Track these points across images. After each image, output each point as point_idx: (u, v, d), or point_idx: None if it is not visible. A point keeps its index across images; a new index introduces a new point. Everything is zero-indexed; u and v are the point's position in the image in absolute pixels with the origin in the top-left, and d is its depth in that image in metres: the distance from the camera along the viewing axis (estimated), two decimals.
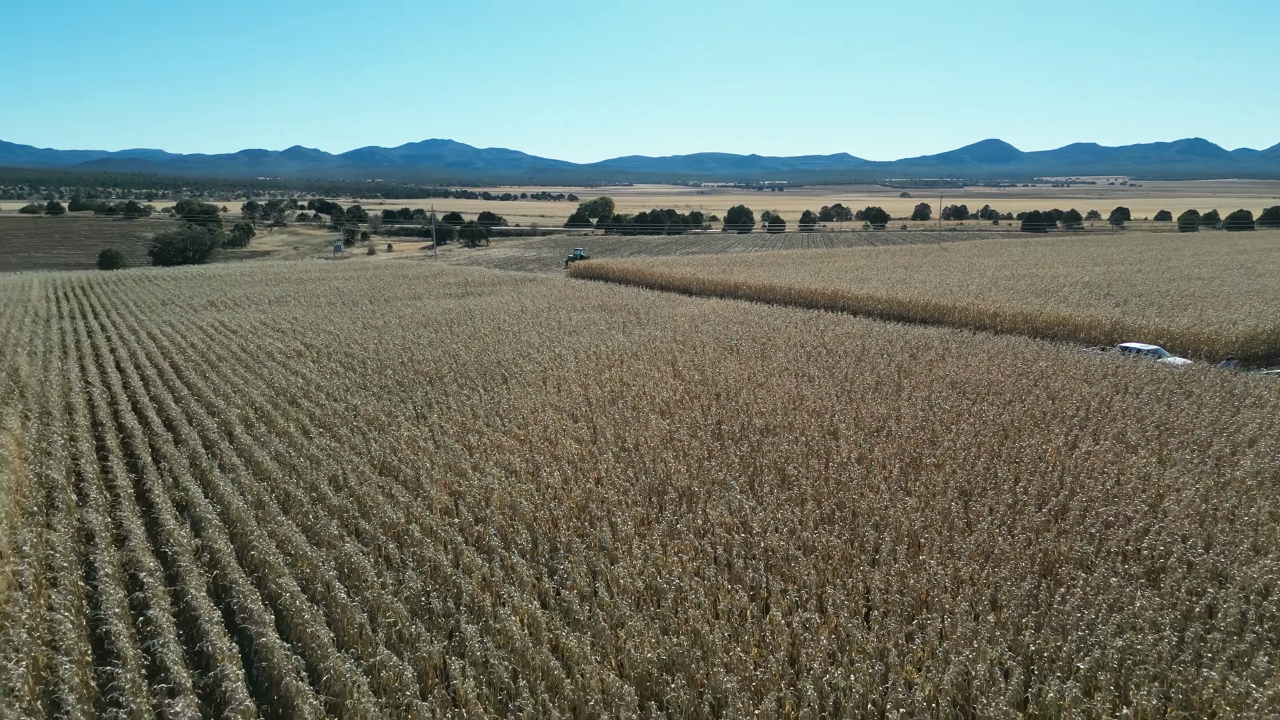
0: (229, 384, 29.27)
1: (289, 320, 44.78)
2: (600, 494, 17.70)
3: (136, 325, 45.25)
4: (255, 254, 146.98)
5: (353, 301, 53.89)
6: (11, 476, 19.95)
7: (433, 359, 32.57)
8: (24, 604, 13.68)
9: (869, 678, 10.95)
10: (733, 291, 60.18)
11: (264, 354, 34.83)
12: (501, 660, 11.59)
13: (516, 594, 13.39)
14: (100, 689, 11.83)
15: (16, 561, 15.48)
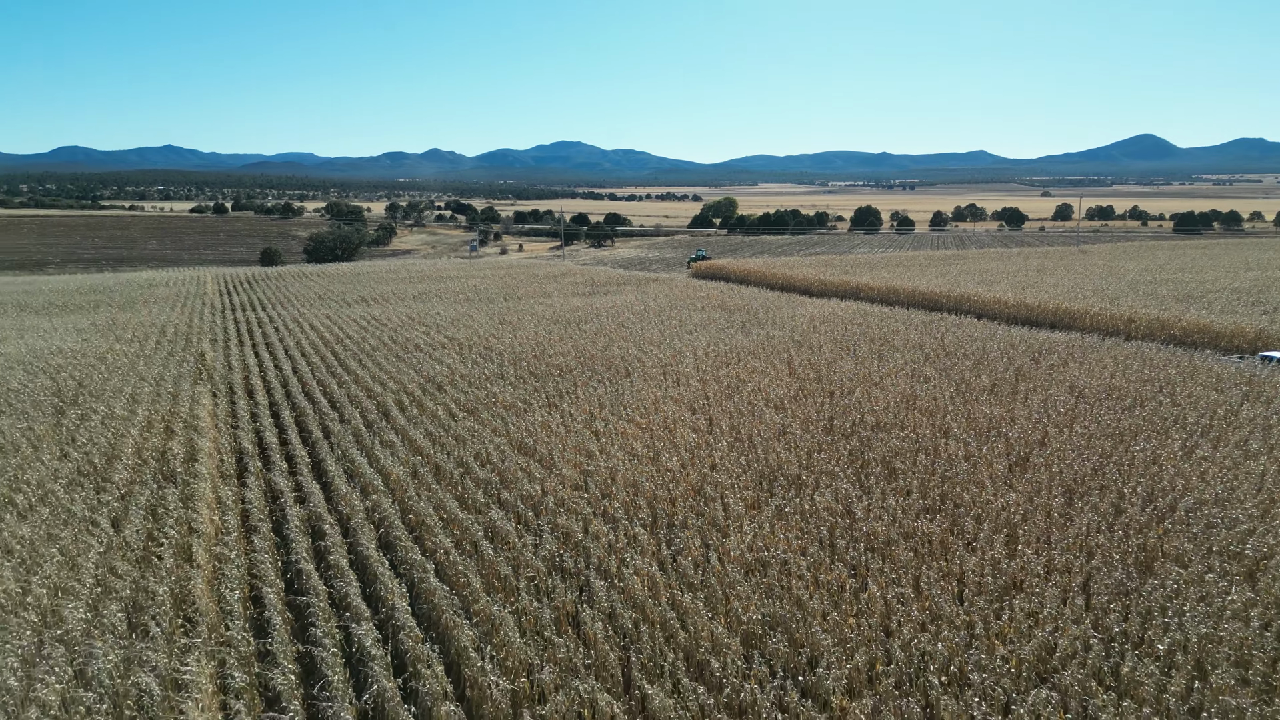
0: (384, 371, 32.42)
1: (432, 315, 48.34)
2: (714, 478, 19.23)
3: (299, 317, 49.91)
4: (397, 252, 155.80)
5: (489, 299, 57.34)
6: (210, 444, 23.29)
7: (562, 353, 34.87)
8: (232, 545, 16.45)
9: (955, 645, 12.05)
10: (854, 293, 60.32)
11: (412, 345, 38.08)
12: (625, 611, 13.31)
13: (638, 559, 15.10)
14: (294, 616, 14.28)
15: (222, 512, 18.43)
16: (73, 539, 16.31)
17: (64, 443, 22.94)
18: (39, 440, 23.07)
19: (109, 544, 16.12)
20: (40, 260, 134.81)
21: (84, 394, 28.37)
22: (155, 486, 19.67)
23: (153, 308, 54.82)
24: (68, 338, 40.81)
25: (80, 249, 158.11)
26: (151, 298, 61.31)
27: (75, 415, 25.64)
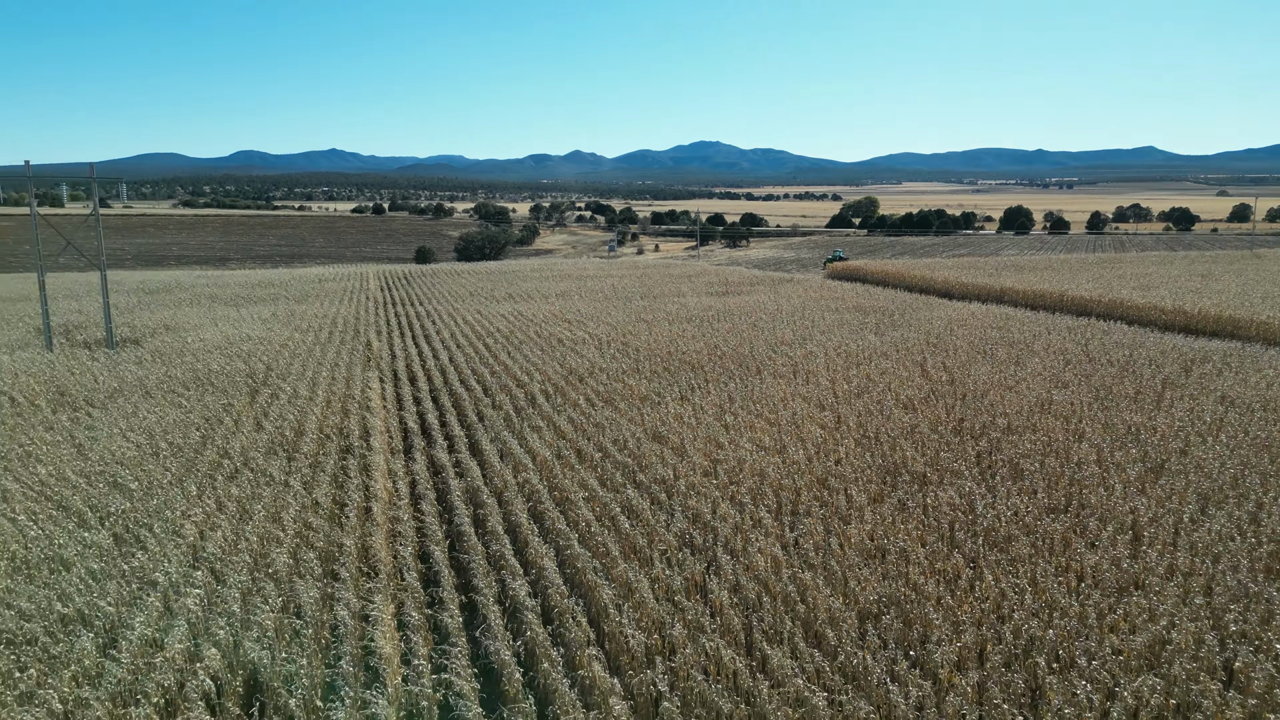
0: (530, 362, 34.79)
1: (574, 312, 50.81)
2: (839, 471, 20.09)
3: (453, 312, 53.55)
4: (540, 252, 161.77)
5: (626, 297, 59.47)
6: (380, 423, 26.05)
7: (695, 350, 36.24)
8: (403, 509, 18.72)
9: (1066, 633, 12.59)
10: (998, 296, 58.78)
11: (555, 340, 40.44)
12: (749, 584, 14.51)
13: (762, 539, 16.25)
14: (456, 572, 16.27)
15: (394, 481, 20.86)
16: (273, 498, 19.00)
17: (259, 417, 26.22)
18: (239, 415, 26.46)
19: (303, 503, 18.70)
20: (223, 256, 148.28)
21: (272, 376, 32.02)
22: (337, 457, 22.40)
23: (324, 301, 59.99)
24: (254, 327, 45.57)
25: (257, 246, 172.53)
26: (322, 292, 66.94)
27: (267, 394, 29.10)
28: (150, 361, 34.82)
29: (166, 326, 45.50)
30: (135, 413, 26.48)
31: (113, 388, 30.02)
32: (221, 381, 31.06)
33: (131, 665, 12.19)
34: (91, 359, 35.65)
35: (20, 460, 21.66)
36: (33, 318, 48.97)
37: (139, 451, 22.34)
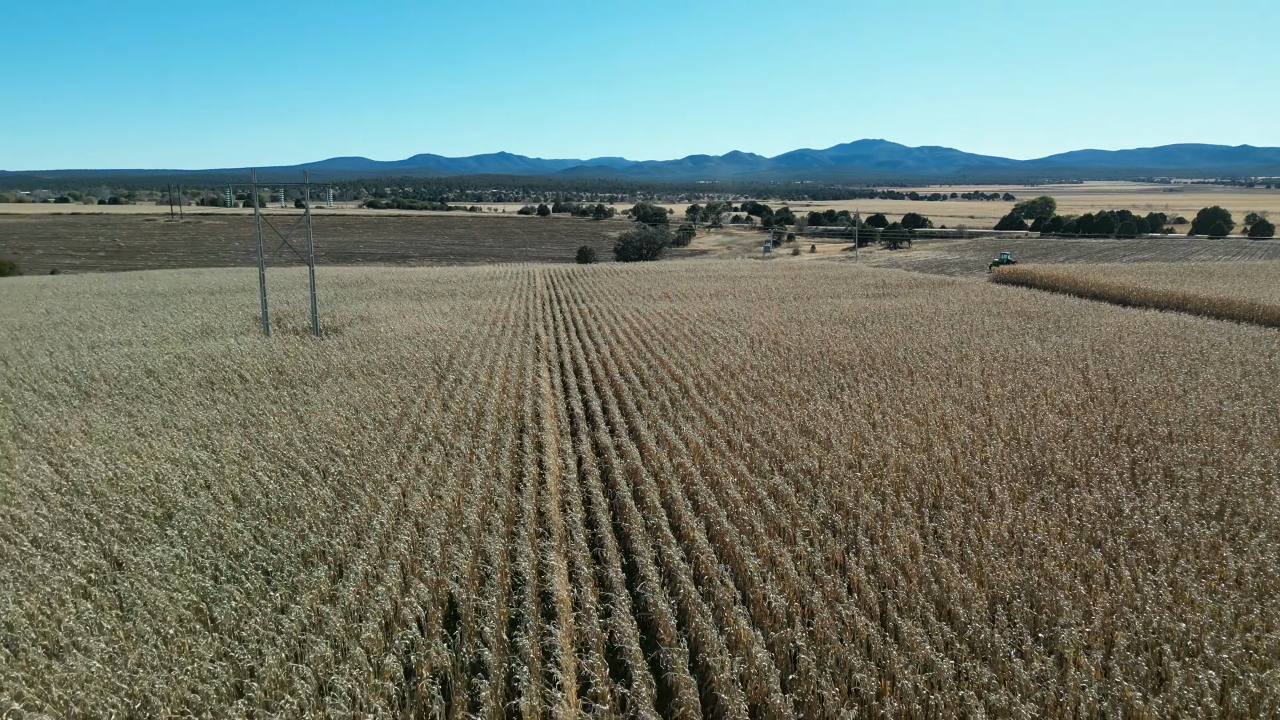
0: (684, 358, 36.65)
1: (727, 312, 52.35)
2: (984, 469, 20.66)
3: (613, 309, 56.35)
4: (695, 252, 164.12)
5: (779, 298, 60.39)
6: (550, 407, 28.62)
7: (846, 351, 36.94)
8: (572, 482, 20.94)
9: (1197, 626, 13.01)
10: (1178, 304, 55.47)
11: (709, 338, 42.14)
12: (885, 564, 15.64)
13: (902, 527, 17.27)
14: (618, 537, 18.24)
15: (563, 458, 23.19)
16: (461, 467, 21.71)
17: (445, 399, 29.38)
18: (428, 396, 29.74)
19: (487, 473, 21.29)
20: (403, 254, 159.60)
21: (455, 363, 35.45)
22: (514, 436, 25.02)
23: (496, 297, 64.37)
24: (437, 319, 49.89)
25: (433, 245, 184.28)
26: (493, 289, 71.67)
27: (451, 379, 32.40)
28: (351, 348, 39.20)
29: (361, 317, 50.57)
30: (342, 391, 30.28)
31: (321, 369, 34.24)
32: (411, 367, 34.71)
33: (357, 593, 14.85)
34: (302, 344, 40.50)
35: (256, 426, 25.56)
36: (249, 307, 55.56)
37: (348, 423, 25.78)
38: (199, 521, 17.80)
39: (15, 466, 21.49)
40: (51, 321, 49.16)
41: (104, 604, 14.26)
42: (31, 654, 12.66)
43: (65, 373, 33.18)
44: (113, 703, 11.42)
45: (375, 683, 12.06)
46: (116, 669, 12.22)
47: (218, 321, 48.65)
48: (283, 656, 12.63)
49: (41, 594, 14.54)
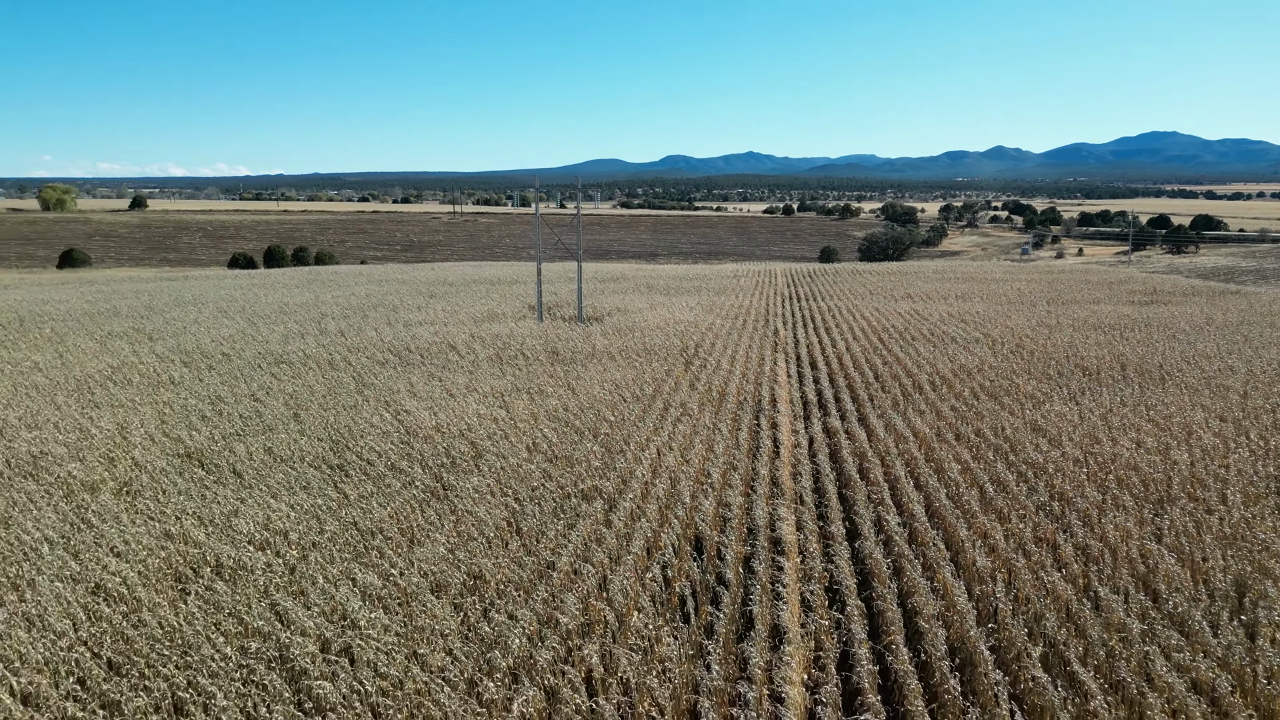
0: (920, 356, 37.74)
1: (971, 314, 51.99)
2: (1220, 474, 20.67)
3: (851, 308, 57.68)
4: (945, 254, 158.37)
5: (1030, 302, 58.57)
6: (785, 393, 31.28)
7: (1095, 357, 36.18)
8: (802, 457, 23.53)
9: None
10: None
11: (948, 338, 42.64)
12: (1096, 545, 16.82)
13: (1119, 516, 18.19)
14: (842, 504, 20.60)
15: (795, 437, 25.79)
16: (706, 437, 24.98)
17: (692, 381, 32.91)
18: (677, 378, 33.43)
19: (727, 443, 24.41)
20: (653, 252, 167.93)
21: (700, 351, 39.02)
22: (751, 416, 27.96)
23: (738, 294, 67.72)
24: (684, 312, 54.01)
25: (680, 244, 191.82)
26: (736, 286, 75.09)
27: (697, 365, 35.96)
28: (610, 334, 44.04)
29: (618, 309, 55.83)
30: (605, 370, 34.75)
31: (587, 351, 39.12)
32: (662, 353, 38.71)
33: (624, 523, 18.45)
34: (570, 329, 45.98)
35: (538, 395, 30.44)
36: (524, 297, 62.88)
37: (611, 396, 29.97)
38: (502, 462, 22.38)
39: (364, 413, 27.57)
40: (370, 304, 58.86)
41: (442, 513, 18.91)
42: (396, 540, 17.38)
43: (388, 345, 40.54)
44: (456, 575, 15.69)
45: (640, 586, 15.47)
46: (456, 554, 16.60)
47: (499, 308, 55.89)
48: (572, 559, 16.43)
49: (396, 503, 19.47)
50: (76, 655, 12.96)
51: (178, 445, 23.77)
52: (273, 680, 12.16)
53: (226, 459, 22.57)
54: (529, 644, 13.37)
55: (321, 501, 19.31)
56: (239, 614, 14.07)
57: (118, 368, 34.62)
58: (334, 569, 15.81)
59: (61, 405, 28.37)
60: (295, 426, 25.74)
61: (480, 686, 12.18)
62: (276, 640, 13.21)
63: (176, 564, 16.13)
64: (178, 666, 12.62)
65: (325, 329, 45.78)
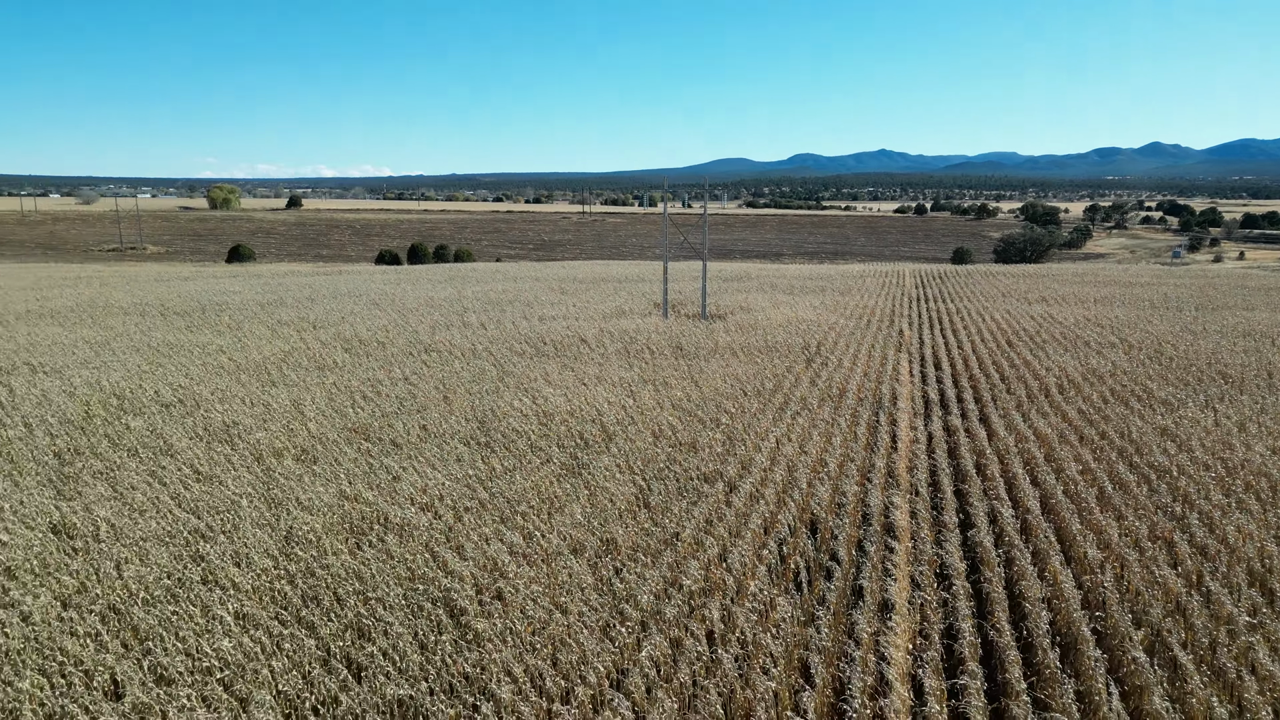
0: (1050, 359, 37.21)
1: (1109, 318, 50.28)
2: None
3: (981, 310, 56.70)
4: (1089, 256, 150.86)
5: (1176, 307, 55.93)
6: (906, 391, 31.74)
7: (1239, 364, 34.75)
8: (920, 452, 24.18)
9: None
10: None
11: (1081, 342, 41.67)
12: (1211, 542, 16.94)
13: (1242, 518, 18.13)
14: (957, 497, 21.20)
15: (914, 433, 26.41)
16: (824, 430, 25.94)
17: (813, 378, 33.79)
18: (798, 375, 34.37)
19: (845, 436, 25.31)
20: (778, 251, 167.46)
21: (822, 349, 39.75)
22: (871, 412, 28.67)
23: (863, 294, 67.50)
24: (807, 311, 54.59)
25: (806, 243, 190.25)
26: (862, 286, 74.71)
27: (818, 362, 36.76)
28: (733, 331, 45.28)
29: (741, 307, 56.94)
30: (727, 365, 36.06)
31: (710, 347, 40.53)
32: (783, 350, 39.67)
33: (743, 504, 19.78)
34: (694, 326, 47.50)
35: (663, 386, 32.07)
36: (650, 294, 64.84)
37: (732, 389, 31.27)
38: (630, 445, 24.11)
39: (505, 397, 29.93)
40: (507, 299, 62.20)
41: (577, 486, 20.77)
42: (538, 508, 19.31)
43: (524, 336, 43.18)
44: (591, 539, 17.44)
45: (756, 559, 16.79)
46: (591, 520, 18.38)
47: (626, 305, 58.04)
48: (695, 532, 17.92)
49: (536, 477, 21.46)
50: (278, 587, 15.44)
51: (344, 420, 26.70)
52: (438, 614, 14.21)
53: (387, 433, 25.26)
54: (656, 600, 14.95)
55: (472, 472, 21.55)
56: (406, 562, 16.27)
57: (289, 352, 38.55)
58: (485, 529, 17.87)
59: (245, 383, 32.10)
60: (445, 407, 28.32)
61: (614, 632, 13.84)
62: (439, 583, 15.30)
63: (352, 519, 18.59)
64: (359, 600, 14.88)
65: (467, 321, 49.03)
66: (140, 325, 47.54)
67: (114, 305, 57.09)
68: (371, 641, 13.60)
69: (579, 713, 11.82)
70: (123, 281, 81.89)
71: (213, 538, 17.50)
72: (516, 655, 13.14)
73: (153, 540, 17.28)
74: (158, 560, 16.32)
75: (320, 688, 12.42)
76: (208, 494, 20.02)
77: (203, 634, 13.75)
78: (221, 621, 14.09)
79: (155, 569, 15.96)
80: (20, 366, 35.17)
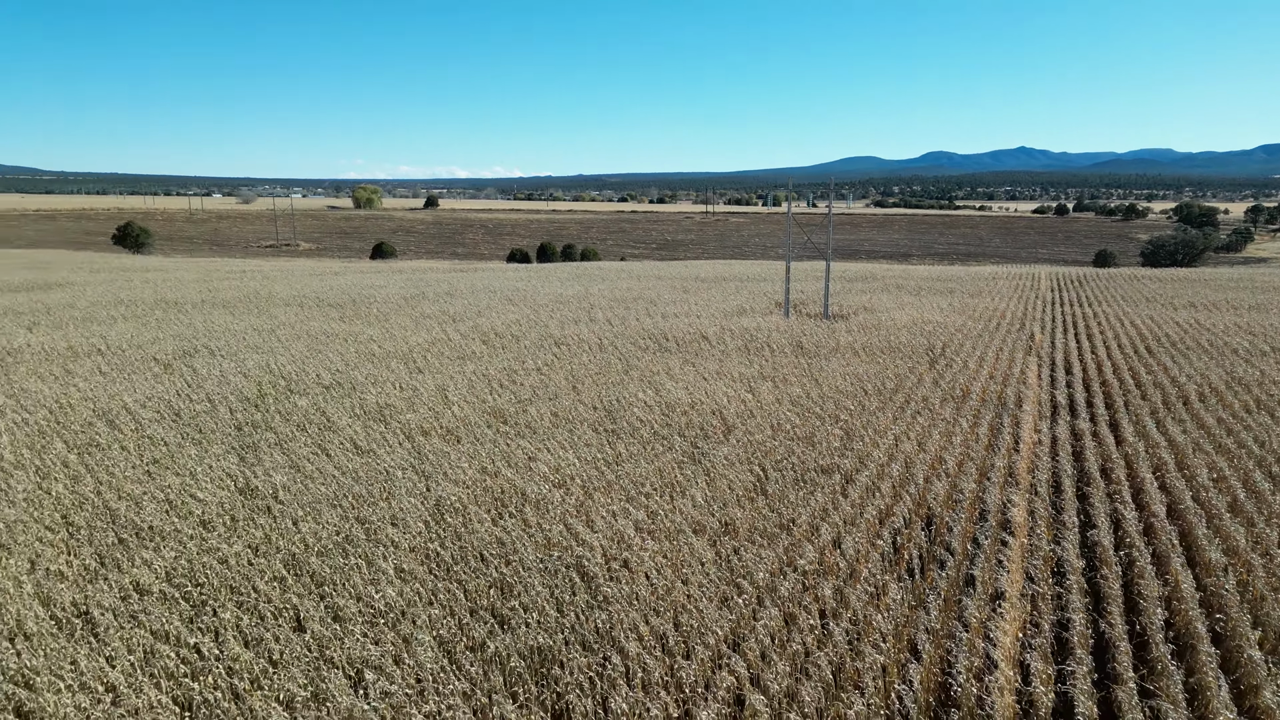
0: (1192, 367, 35.69)
1: (1263, 326, 47.34)
2: None
3: (1121, 315, 54.39)
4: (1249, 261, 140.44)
5: None
6: (1032, 395, 31.32)
7: None
8: (1043, 454, 24.09)
9: None
10: None
11: (1229, 349, 39.62)
12: None
13: None
14: (1079, 499, 21.12)
15: (1037, 436, 26.23)
16: (945, 429, 26.11)
17: (935, 379, 33.72)
18: (920, 375, 34.37)
19: (965, 436, 25.43)
20: (906, 252, 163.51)
21: (947, 351, 39.42)
22: (994, 413, 28.55)
23: (994, 297, 65.72)
24: (933, 313, 53.83)
25: (936, 244, 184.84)
26: (993, 289, 72.63)
27: (942, 364, 36.57)
28: (855, 331, 45.36)
29: (864, 308, 56.69)
30: (848, 364, 36.40)
31: (831, 346, 40.87)
32: (906, 351, 39.58)
33: (859, 497, 20.42)
34: (815, 325, 47.81)
35: (782, 383, 32.81)
36: (772, 294, 65.27)
37: (852, 388, 31.68)
38: (749, 437, 25.07)
39: (630, 388, 31.41)
40: (631, 296, 64.03)
41: (697, 473, 21.93)
42: (661, 490, 20.58)
43: (648, 332, 44.68)
44: (711, 521, 18.56)
45: (870, 546, 17.48)
46: (711, 503, 19.50)
47: (748, 304, 58.77)
48: (811, 519, 18.76)
49: (659, 463, 22.72)
50: (430, 547, 17.30)
51: (484, 405, 28.80)
52: (571, 577, 15.68)
53: (522, 418, 27.14)
54: (771, 578, 15.93)
55: (600, 455, 23.06)
56: (543, 531, 17.86)
57: (432, 342, 41.40)
58: (613, 506, 19.28)
59: (394, 369, 34.88)
60: (574, 396, 30.05)
61: (731, 603, 14.92)
62: (572, 551, 16.78)
63: (493, 492, 20.39)
64: (501, 562, 16.53)
65: (594, 317, 51.02)
66: (299, 315, 51.86)
67: (275, 297, 62.26)
68: (514, 597, 15.19)
69: (699, 669, 12.97)
70: (281, 275, 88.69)
71: (373, 503, 19.62)
72: (642, 617, 14.42)
73: (323, 502, 19.56)
74: (328, 519, 18.53)
75: (470, 633, 14.07)
76: (366, 465, 22.29)
77: (369, 583, 15.70)
78: (384, 573, 16.01)
79: (326, 526, 18.15)
80: (200, 350, 39.29)
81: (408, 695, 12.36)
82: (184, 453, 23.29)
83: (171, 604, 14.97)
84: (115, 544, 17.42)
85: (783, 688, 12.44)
